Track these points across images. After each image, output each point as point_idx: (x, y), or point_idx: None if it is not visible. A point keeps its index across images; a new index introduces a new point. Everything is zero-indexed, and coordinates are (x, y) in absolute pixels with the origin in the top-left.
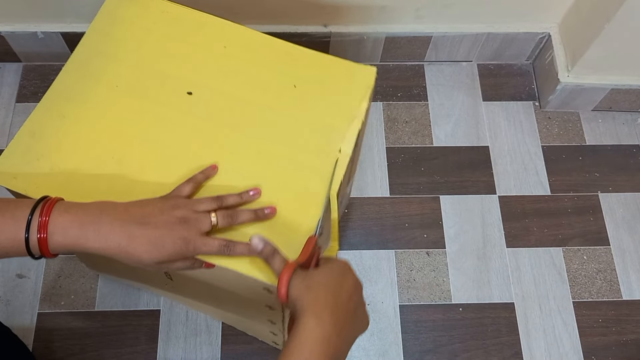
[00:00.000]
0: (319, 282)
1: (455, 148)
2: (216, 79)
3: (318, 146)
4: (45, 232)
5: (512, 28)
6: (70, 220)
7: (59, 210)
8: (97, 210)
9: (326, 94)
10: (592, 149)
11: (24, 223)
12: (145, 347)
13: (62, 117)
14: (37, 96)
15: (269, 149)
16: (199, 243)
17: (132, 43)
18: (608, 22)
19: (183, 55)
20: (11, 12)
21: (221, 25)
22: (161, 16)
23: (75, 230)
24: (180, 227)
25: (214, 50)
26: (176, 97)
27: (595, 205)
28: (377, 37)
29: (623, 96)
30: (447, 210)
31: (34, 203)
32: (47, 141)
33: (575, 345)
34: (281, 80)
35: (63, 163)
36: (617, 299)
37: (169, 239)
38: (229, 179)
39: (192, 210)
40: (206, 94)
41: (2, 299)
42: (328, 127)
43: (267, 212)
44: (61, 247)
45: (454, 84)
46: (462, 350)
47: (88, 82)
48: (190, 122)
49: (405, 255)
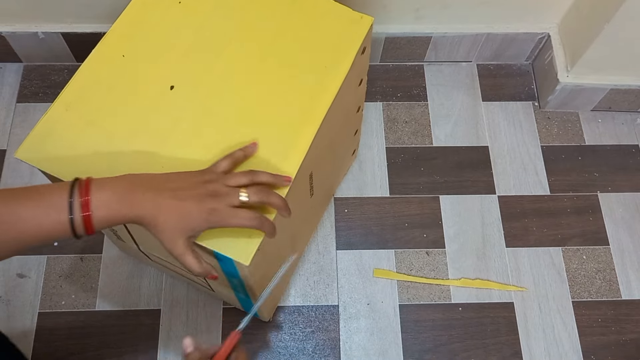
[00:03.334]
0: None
1: (454, 148)
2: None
3: (301, 92)
4: (88, 210)
5: (511, 28)
6: (109, 195)
7: (96, 187)
8: (131, 182)
9: (316, 40)
10: (591, 149)
11: (65, 206)
12: (145, 347)
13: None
14: (38, 96)
15: (253, 97)
16: (228, 214)
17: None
18: (608, 22)
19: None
20: (12, 12)
21: None
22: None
23: (115, 203)
24: (210, 199)
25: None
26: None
27: (594, 205)
28: (377, 37)
29: (622, 96)
30: (446, 210)
31: (69, 186)
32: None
33: (574, 345)
34: (273, 24)
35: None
36: (616, 299)
37: (197, 210)
38: (218, 139)
39: (223, 184)
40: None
41: (2, 299)
42: (311, 73)
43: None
44: (104, 221)
45: (454, 84)
46: (462, 350)
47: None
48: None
49: (405, 255)
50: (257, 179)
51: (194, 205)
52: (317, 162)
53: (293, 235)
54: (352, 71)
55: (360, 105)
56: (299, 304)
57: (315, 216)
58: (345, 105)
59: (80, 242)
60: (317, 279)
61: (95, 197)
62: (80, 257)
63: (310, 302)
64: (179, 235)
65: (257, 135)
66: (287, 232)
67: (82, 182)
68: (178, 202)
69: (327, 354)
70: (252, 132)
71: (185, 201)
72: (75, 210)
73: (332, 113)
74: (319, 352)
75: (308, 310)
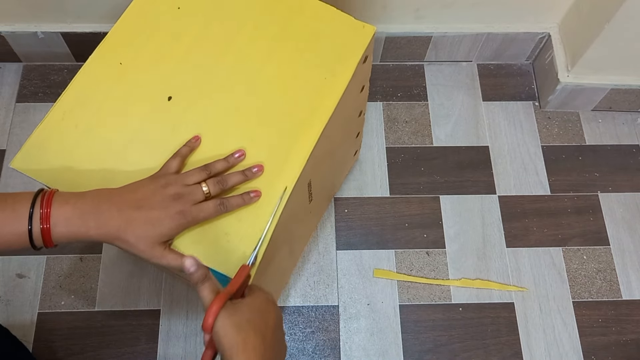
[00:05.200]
0: (248, 320)
1: (455, 148)
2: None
3: (302, 103)
4: (48, 223)
5: (512, 28)
6: (71, 210)
7: (59, 202)
8: (94, 199)
9: (317, 49)
10: (592, 149)
11: (26, 216)
12: (145, 347)
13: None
14: (38, 96)
15: (252, 107)
16: (196, 211)
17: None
18: (608, 22)
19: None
20: (11, 12)
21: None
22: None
23: (77, 219)
24: (175, 203)
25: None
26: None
27: (595, 205)
28: (377, 37)
29: (623, 96)
30: (447, 210)
31: (33, 196)
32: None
33: (575, 345)
34: (274, 31)
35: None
36: (616, 299)
37: (166, 217)
38: (215, 148)
39: (183, 185)
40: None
41: (2, 299)
42: (312, 84)
43: (254, 170)
44: (63, 237)
45: (454, 84)
46: (462, 350)
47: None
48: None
49: (405, 255)
50: (213, 170)
51: (161, 212)
52: (316, 170)
53: (291, 240)
54: (353, 80)
55: (362, 109)
56: (298, 304)
57: (315, 217)
58: (347, 112)
59: (80, 242)
60: (317, 279)
61: (57, 211)
62: (79, 257)
63: (310, 302)
64: (153, 243)
65: (254, 146)
66: (285, 238)
67: (46, 193)
68: (145, 212)
69: (327, 355)
70: (249, 143)
71: (152, 210)
72: (35, 221)
73: (332, 122)
74: (319, 352)
75: (308, 310)
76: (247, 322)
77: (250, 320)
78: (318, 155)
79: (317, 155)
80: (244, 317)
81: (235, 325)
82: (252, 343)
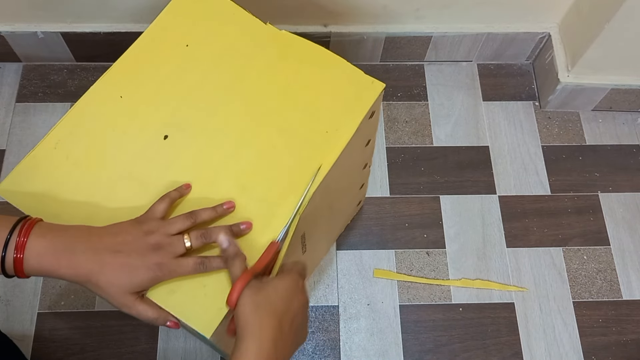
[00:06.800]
0: (269, 301)
1: (455, 148)
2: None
3: (299, 158)
4: (22, 253)
5: (512, 28)
6: (45, 246)
7: (36, 233)
8: (72, 237)
9: (323, 102)
10: (592, 148)
11: (2, 242)
12: (145, 347)
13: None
14: (37, 96)
15: (248, 155)
16: (174, 265)
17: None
18: (608, 22)
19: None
20: (11, 12)
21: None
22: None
23: (49, 257)
24: (154, 253)
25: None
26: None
27: (595, 205)
28: (377, 37)
29: (623, 96)
30: (447, 210)
31: (14, 222)
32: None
33: (575, 345)
34: (281, 79)
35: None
36: (617, 299)
37: (142, 266)
38: (205, 192)
39: (165, 235)
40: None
41: (2, 299)
42: (312, 138)
43: (242, 227)
44: (35, 271)
45: (454, 84)
46: (462, 350)
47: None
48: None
49: (405, 255)
50: (199, 218)
51: (138, 261)
52: (311, 223)
53: None
54: (357, 135)
55: (368, 162)
56: None
57: (313, 262)
58: (350, 166)
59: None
60: (317, 279)
61: (32, 243)
62: None
63: (310, 302)
64: (125, 291)
65: (244, 197)
66: None
67: (27, 221)
68: (121, 258)
69: (327, 355)
70: (240, 192)
71: (129, 257)
72: (10, 249)
73: (330, 177)
74: (319, 352)
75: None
76: (267, 304)
77: (271, 302)
78: (312, 210)
79: (310, 210)
80: (265, 298)
81: (255, 305)
82: (266, 325)
